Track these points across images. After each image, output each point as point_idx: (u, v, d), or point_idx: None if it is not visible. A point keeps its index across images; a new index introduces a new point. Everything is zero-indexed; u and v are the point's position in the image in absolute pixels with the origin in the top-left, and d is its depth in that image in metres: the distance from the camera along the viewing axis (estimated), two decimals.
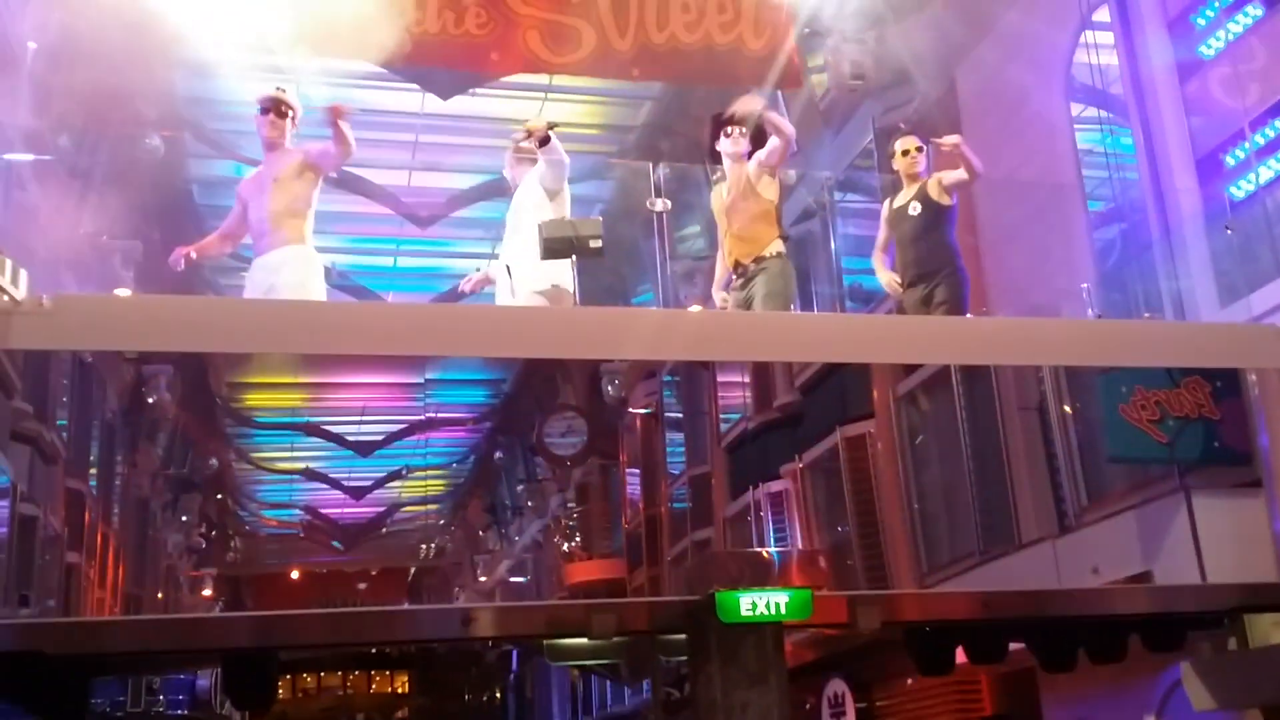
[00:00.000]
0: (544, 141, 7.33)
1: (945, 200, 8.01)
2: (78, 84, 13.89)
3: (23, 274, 6.09)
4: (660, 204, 8.16)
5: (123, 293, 8.62)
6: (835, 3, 11.99)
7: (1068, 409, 10.38)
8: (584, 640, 6.89)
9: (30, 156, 12.54)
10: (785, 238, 7.77)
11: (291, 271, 7.13)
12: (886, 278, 8.46)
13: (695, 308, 7.49)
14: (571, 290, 7.38)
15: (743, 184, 7.89)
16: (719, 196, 8.11)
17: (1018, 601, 8.32)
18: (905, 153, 8.08)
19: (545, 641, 7.21)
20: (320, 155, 7.22)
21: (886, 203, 8.84)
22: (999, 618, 8.08)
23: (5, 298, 5.81)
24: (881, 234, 8.67)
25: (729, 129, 7.89)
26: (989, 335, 7.03)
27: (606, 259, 7.88)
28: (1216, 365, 8.40)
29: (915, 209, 8.26)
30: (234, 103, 15.48)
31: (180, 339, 6.15)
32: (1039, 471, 10.70)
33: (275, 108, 7.17)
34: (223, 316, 6.11)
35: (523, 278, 7.26)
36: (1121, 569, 9.27)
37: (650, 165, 8.72)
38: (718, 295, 8.10)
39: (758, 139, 8.07)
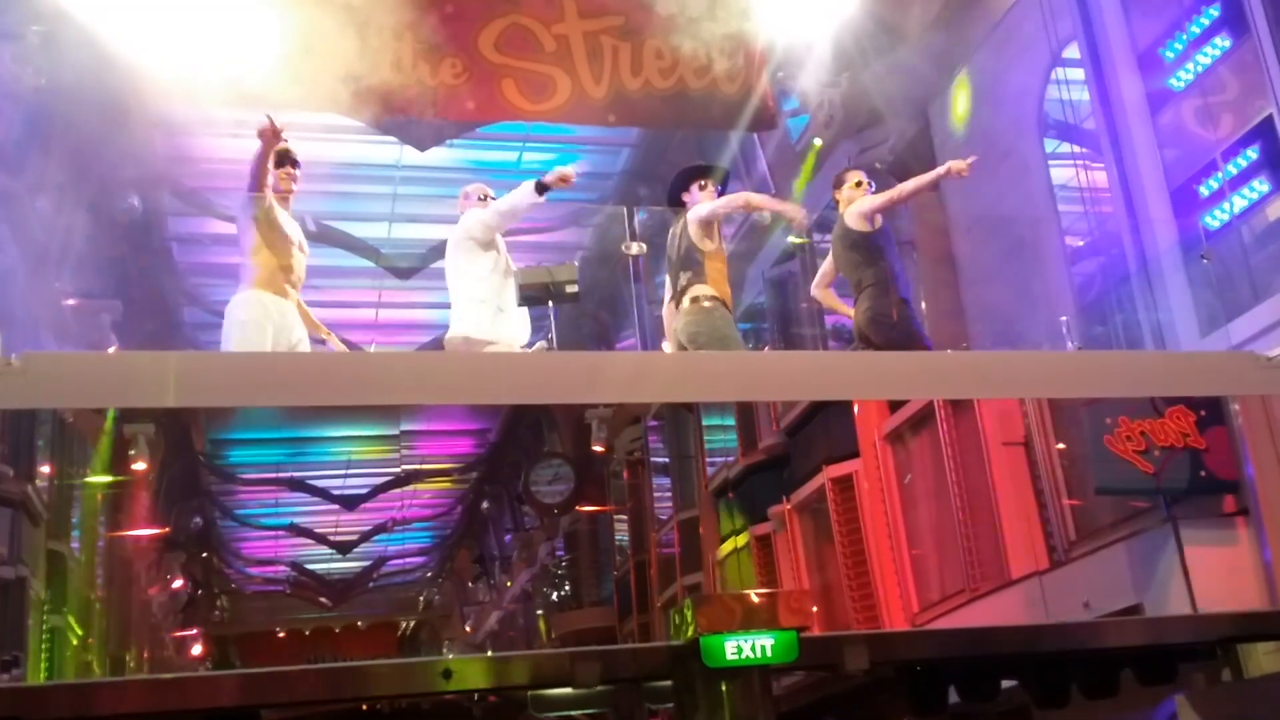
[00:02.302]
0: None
1: (863, 227, 7.83)
2: (57, 144, 13.94)
3: None
4: (636, 248, 8.11)
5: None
6: (808, 46, 12.08)
7: (1053, 443, 10.36)
8: (569, 690, 6.79)
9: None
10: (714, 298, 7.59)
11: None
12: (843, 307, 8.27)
13: (666, 346, 7.38)
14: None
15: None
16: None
17: (1008, 638, 8.23)
18: (859, 184, 7.95)
19: (530, 693, 7.11)
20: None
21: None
22: (990, 655, 7.98)
23: None
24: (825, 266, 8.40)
25: (702, 182, 7.78)
26: (971, 370, 6.99)
27: (587, 304, 7.85)
28: (1199, 394, 8.38)
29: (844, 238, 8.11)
30: (212, 160, 15.54)
31: (153, 395, 6.06)
32: (1026, 506, 10.65)
33: (291, 159, 7.13)
34: (196, 371, 6.04)
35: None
36: (1112, 602, 9.21)
37: (625, 210, 8.69)
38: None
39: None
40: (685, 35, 11.69)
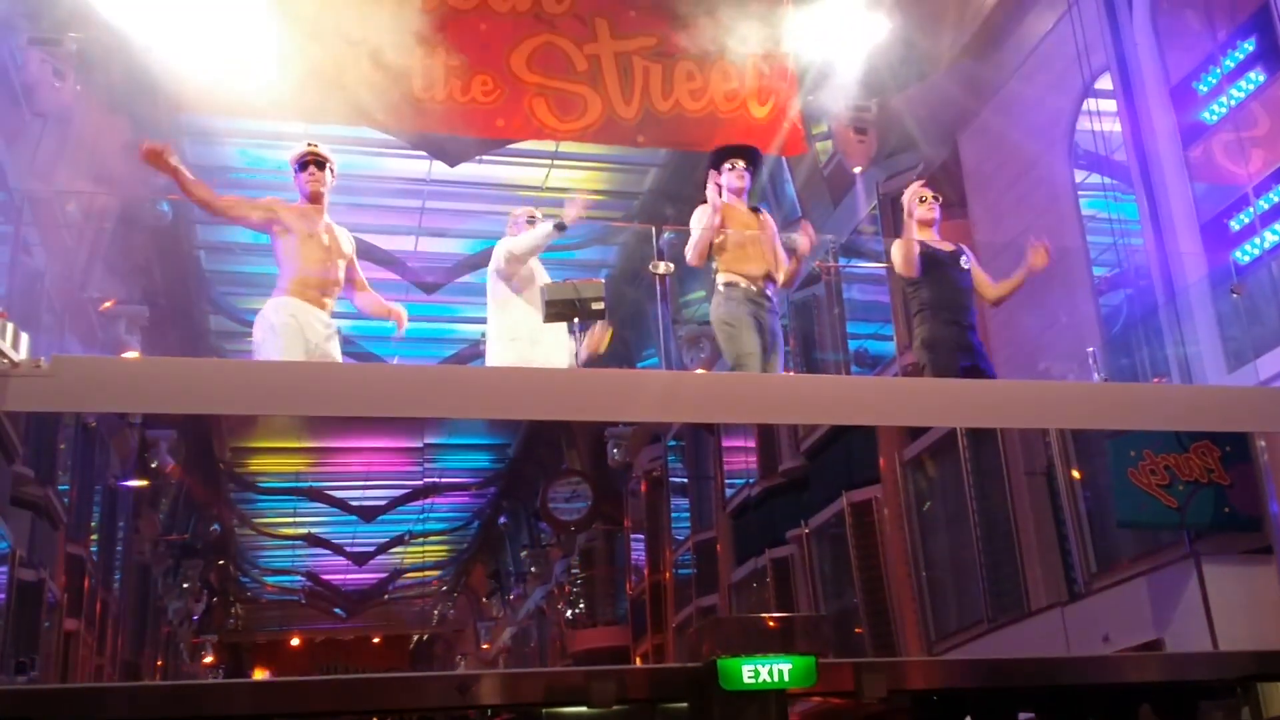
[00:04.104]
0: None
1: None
2: (87, 151, 14.06)
3: (24, 337, 6.08)
4: (663, 267, 8.11)
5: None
6: (839, 71, 12.09)
7: (1075, 474, 10.29)
8: (585, 709, 6.77)
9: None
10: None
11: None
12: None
13: (699, 371, 7.42)
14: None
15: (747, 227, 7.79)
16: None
17: (1027, 669, 8.17)
18: (923, 200, 7.98)
19: (545, 710, 7.09)
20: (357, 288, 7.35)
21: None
22: (1008, 686, 7.93)
23: (4, 360, 5.78)
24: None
25: (732, 163, 7.83)
26: (997, 398, 6.96)
27: (611, 323, 7.85)
28: (1225, 429, 8.32)
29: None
30: (242, 169, 15.64)
31: (178, 401, 6.11)
32: (1047, 538, 10.59)
33: (315, 160, 7.16)
34: (222, 378, 6.07)
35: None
36: (1132, 637, 9.13)
37: (654, 230, 8.69)
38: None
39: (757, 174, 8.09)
40: (717, 58, 11.73)
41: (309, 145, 7.27)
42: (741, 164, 7.76)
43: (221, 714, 6.57)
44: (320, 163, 7.18)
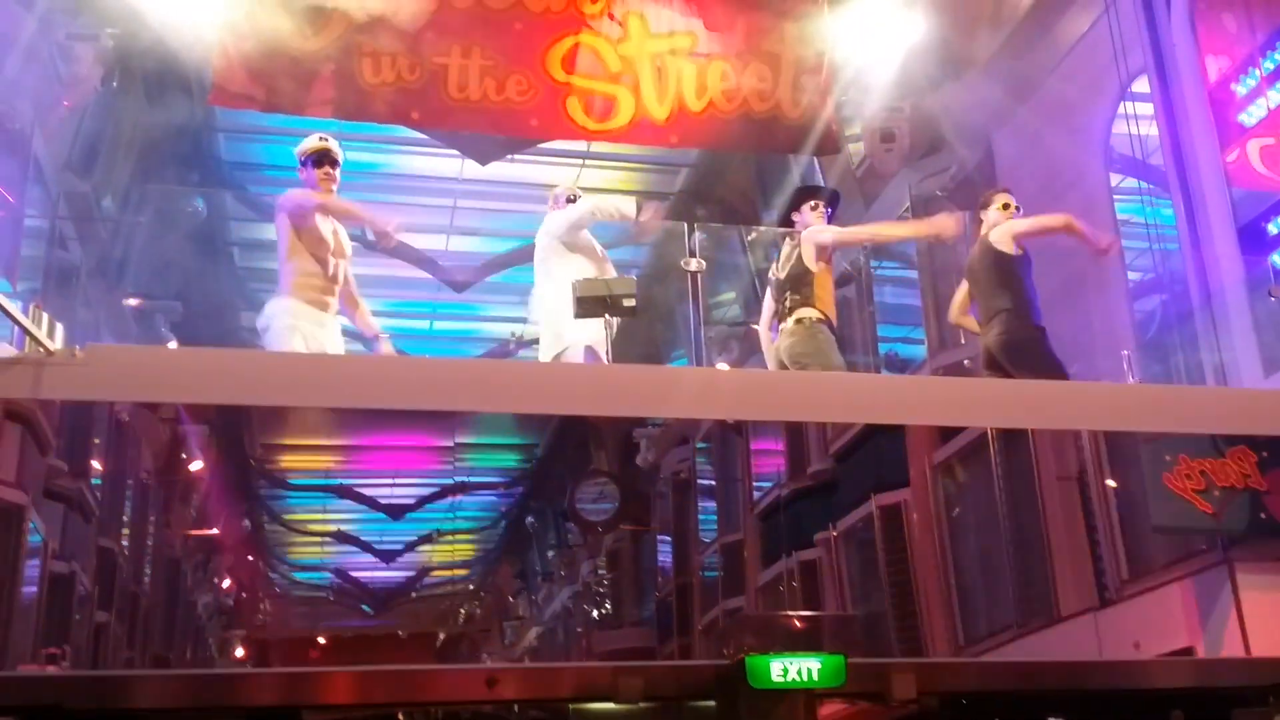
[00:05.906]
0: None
1: (1008, 249, 7.82)
2: (124, 145, 14.15)
3: (59, 327, 6.13)
4: (695, 264, 8.11)
5: None
6: (873, 70, 12.03)
7: (1108, 479, 10.21)
8: (612, 705, 6.75)
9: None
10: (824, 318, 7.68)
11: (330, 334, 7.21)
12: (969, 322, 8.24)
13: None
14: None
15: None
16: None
17: (1058, 673, 8.12)
18: (1006, 206, 8.02)
19: (572, 706, 7.09)
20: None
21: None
22: (1038, 690, 7.87)
23: (40, 349, 5.83)
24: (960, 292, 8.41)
25: (813, 202, 7.94)
26: (1032, 398, 6.90)
27: (641, 321, 7.85)
28: (1263, 433, 8.23)
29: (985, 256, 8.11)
30: (276, 167, 15.72)
31: (211, 391, 6.13)
32: (1079, 543, 10.49)
33: (330, 159, 7.18)
34: (254, 369, 6.10)
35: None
36: (1163, 643, 9.05)
37: (685, 227, 8.69)
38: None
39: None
40: (751, 58, 11.68)
41: (321, 140, 7.26)
42: (822, 203, 7.91)
43: (251, 704, 6.59)
44: (335, 161, 7.20)
